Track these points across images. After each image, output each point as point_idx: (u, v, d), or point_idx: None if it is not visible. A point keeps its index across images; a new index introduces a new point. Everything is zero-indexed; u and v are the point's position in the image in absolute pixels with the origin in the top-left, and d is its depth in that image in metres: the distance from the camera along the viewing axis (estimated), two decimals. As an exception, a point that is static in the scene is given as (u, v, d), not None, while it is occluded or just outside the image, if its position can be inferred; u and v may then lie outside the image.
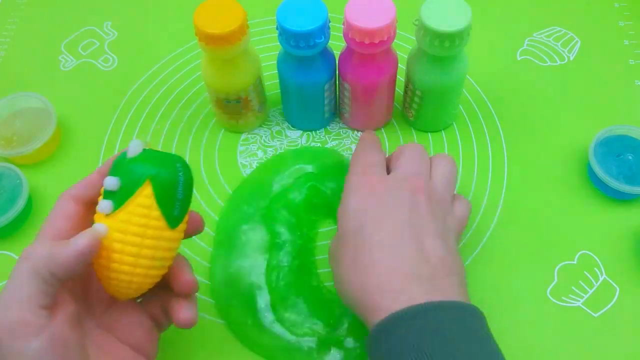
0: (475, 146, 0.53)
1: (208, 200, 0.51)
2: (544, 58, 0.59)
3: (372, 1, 0.44)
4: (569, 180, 0.51)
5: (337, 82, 0.52)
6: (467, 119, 0.55)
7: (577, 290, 0.46)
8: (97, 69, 0.59)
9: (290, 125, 0.55)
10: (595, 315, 0.45)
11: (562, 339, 0.44)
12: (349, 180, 0.42)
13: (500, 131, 0.54)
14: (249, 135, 0.55)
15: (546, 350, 0.43)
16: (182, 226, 0.36)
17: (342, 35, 0.46)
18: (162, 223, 0.34)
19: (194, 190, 0.51)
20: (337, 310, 0.44)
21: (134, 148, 0.34)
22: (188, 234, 0.38)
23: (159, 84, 0.58)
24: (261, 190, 0.49)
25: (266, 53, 0.56)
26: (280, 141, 0.54)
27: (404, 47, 0.58)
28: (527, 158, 0.52)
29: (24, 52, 0.61)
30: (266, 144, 0.54)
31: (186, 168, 0.35)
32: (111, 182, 0.34)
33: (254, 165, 0.53)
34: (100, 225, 0.34)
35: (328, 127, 0.55)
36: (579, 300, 0.45)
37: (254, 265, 0.45)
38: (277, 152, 0.53)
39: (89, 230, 0.34)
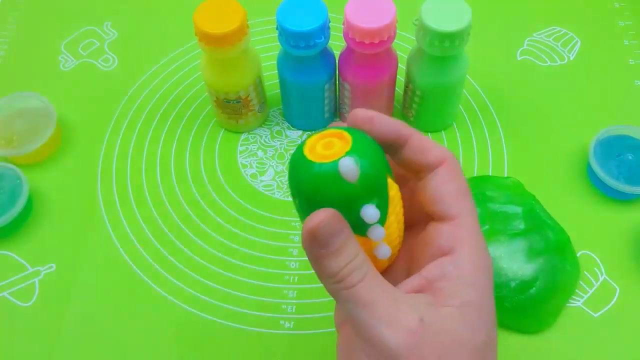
0: (475, 146, 0.53)
1: (208, 200, 0.51)
2: (544, 58, 0.59)
3: (372, 1, 0.44)
4: (569, 180, 0.51)
5: (337, 82, 0.52)
6: (467, 119, 0.55)
7: (577, 290, 0.46)
8: (97, 69, 0.59)
9: (290, 125, 0.55)
10: (595, 315, 0.45)
11: (562, 339, 0.44)
12: None
13: (500, 131, 0.54)
14: (249, 135, 0.55)
15: (546, 350, 0.43)
16: None
17: (342, 35, 0.46)
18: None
19: (194, 190, 0.51)
20: None
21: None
22: None
23: (159, 84, 0.58)
24: None
25: (266, 53, 0.56)
26: (280, 141, 0.54)
27: (404, 47, 0.58)
28: (527, 158, 0.52)
29: (24, 52, 0.61)
30: (266, 144, 0.54)
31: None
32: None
33: (254, 165, 0.53)
34: None
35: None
36: (579, 300, 0.45)
37: None
38: (278, 152, 0.53)
39: None
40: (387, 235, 0.27)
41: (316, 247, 0.25)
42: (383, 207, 0.26)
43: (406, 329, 0.24)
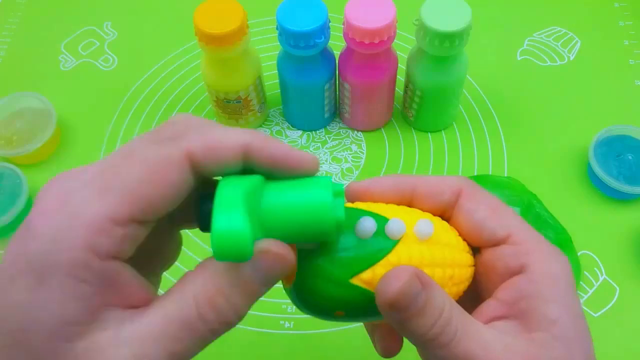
0: (475, 146, 0.53)
1: (208, 200, 0.51)
2: (544, 58, 0.59)
3: (372, 1, 0.44)
4: (569, 180, 0.51)
5: (337, 82, 0.52)
6: (467, 119, 0.55)
7: (577, 291, 0.46)
8: (97, 69, 0.59)
9: (290, 125, 0.55)
10: (595, 315, 0.45)
11: (562, 339, 0.44)
12: None
13: (500, 131, 0.54)
14: (249, 135, 0.55)
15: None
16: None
17: (342, 35, 0.46)
18: None
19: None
20: None
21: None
22: None
23: (158, 84, 0.58)
24: None
25: (266, 53, 0.56)
26: (280, 141, 0.54)
27: (404, 47, 0.58)
28: (527, 158, 0.52)
29: (24, 52, 0.61)
30: (266, 144, 0.54)
31: None
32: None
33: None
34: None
35: (328, 127, 0.55)
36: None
37: None
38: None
39: None
40: (404, 218, 0.24)
41: (399, 314, 0.22)
42: (366, 213, 0.24)
43: None
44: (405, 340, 0.25)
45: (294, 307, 0.45)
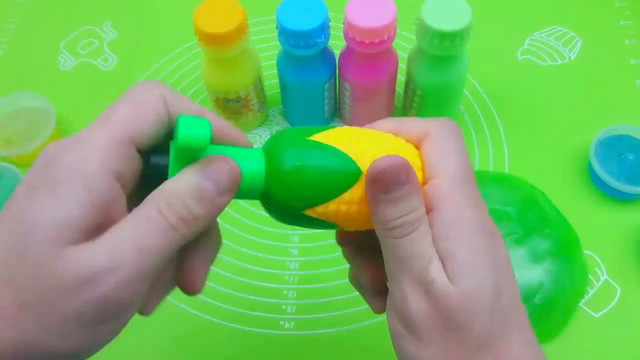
0: (476, 146, 0.53)
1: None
2: (544, 57, 0.59)
3: (372, 0, 0.44)
4: (569, 180, 0.51)
5: (337, 82, 0.52)
6: (467, 119, 0.55)
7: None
8: (96, 69, 0.59)
9: (290, 125, 0.55)
10: (597, 315, 0.45)
11: (563, 340, 0.44)
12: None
13: (501, 131, 0.54)
14: (249, 135, 0.54)
15: (547, 351, 0.43)
16: None
17: (342, 34, 0.46)
18: None
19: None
20: None
21: None
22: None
23: (158, 84, 0.58)
24: None
25: (266, 53, 0.56)
26: (280, 141, 0.54)
27: (404, 46, 0.58)
28: (527, 157, 0.52)
29: (23, 52, 0.61)
30: (266, 143, 0.54)
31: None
32: None
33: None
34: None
35: (328, 127, 0.55)
36: (580, 301, 0.45)
37: None
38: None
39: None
40: (368, 152, 0.27)
41: (376, 190, 0.25)
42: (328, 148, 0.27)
43: (427, 298, 0.24)
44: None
45: (294, 307, 0.46)
